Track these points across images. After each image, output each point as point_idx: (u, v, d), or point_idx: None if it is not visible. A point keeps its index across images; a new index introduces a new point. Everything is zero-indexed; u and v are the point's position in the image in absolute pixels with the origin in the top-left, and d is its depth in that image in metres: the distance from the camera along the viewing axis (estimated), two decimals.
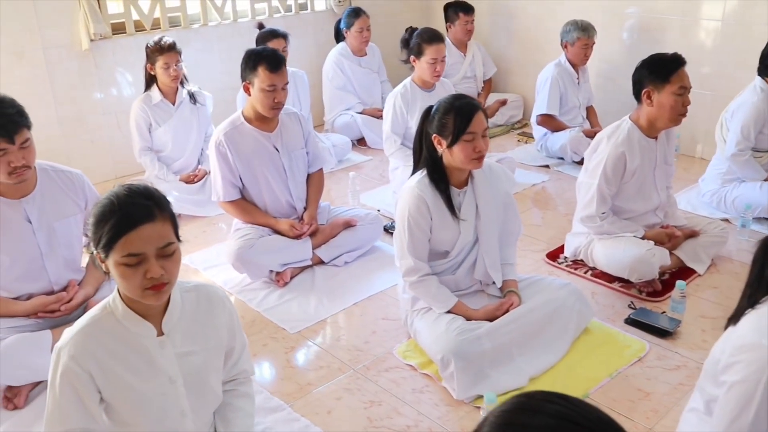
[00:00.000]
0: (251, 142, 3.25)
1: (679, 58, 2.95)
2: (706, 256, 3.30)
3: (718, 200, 3.89)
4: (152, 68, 3.98)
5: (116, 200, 1.62)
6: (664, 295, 3.07)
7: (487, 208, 2.63)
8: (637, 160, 3.05)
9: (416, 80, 4.09)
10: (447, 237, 2.61)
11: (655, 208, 3.23)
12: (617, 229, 3.13)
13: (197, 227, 3.93)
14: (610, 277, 3.20)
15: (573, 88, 4.72)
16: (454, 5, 5.34)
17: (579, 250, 3.32)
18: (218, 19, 5.00)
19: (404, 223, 2.55)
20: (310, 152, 3.47)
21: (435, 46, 3.90)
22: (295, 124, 3.40)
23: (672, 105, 2.95)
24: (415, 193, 2.52)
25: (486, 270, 2.67)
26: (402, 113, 4.05)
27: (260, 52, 3.19)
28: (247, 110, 3.27)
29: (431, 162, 2.57)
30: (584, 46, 4.59)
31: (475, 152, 2.46)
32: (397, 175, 4.16)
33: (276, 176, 3.31)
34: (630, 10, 4.94)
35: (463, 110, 2.44)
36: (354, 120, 5.13)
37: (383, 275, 3.30)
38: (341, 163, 4.82)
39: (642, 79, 3.00)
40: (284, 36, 4.42)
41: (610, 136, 3.08)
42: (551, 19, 5.38)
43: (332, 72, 5.18)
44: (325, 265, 3.39)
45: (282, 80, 3.17)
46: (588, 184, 3.12)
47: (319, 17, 5.57)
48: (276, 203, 3.36)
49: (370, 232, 3.50)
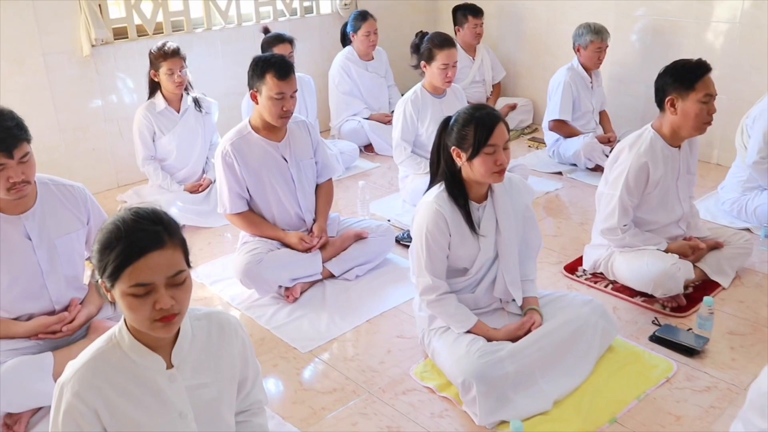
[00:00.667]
0: (259, 152, 3.14)
1: (704, 65, 2.84)
2: (730, 268, 3.19)
3: (739, 209, 3.77)
4: (156, 75, 3.87)
5: (122, 226, 1.51)
6: (688, 310, 2.96)
7: (508, 223, 2.52)
8: (660, 171, 2.94)
9: (427, 86, 3.98)
10: (466, 254, 2.50)
11: (678, 219, 3.11)
12: (639, 242, 3.02)
13: (202, 239, 3.82)
14: (631, 291, 3.08)
15: (586, 93, 4.61)
16: (463, 8, 5.23)
17: (599, 262, 3.20)
18: (222, 22, 4.89)
19: (422, 239, 2.43)
20: (319, 162, 3.36)
21: (446, 51, 3.79)
22: (304, 133, 3.29)
23: (697, 113, 2.83)
24: (433, 209, 2.41)
25: (506, 287, 2.56)
26: (412, 120, 3.94)
27: (268, 59, 3.07)
28: (255, 119, 3.16)
29: (449, 175, 2.46)
30: (597, 50, 4.47)
31: (496, 165, 2.35)
32: (407, 183, 4.06)
33: (284, 187, 3.20)
34: (640, 11, 4.82)
35: (484, 121, 2.33)
36: (361, 126, 5.02)
37: (396, 290, 3.19)
38: (349, 170, 4.70)
39: (665, 86, 2.89)
40: (290, 41, 4.31)
41: (631, 145, 2.96)
42: (562, 21, 5.27)
43: (339, 77, 5.07)
44: (336, 279, 3.28)
45: (291, 88, 3.06)
46: (609, 195, 3.00)
47: (324, 20, 5.46)
48: (284, 215, 3.24)
49: (382, 244, 3.38)
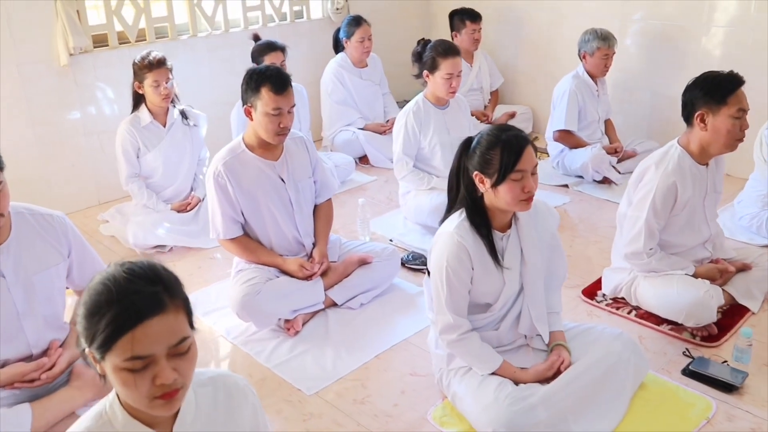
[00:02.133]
0: (254, 172, 2.90)
1: (737, 77, 2.64)
2: (758, 291, 2.99)
3: (758, 224, 3.59)
4: (140, 87, 3.60)
5: (114, 287, 1.26)
6: (720, 339, 2.76)
7: (534, 254, 2.30)
8: (688, 191, 2.74)
9: (429, 96, 3.75)
10: (490, 288, 2.27)
11: (704, 241, 2.92)
12: (666, 267, 2.82)
13: (192, 262, 3.56)
14: (657, 318, 2.88)
15: (592, 101, 4.41)
16: (461, 13, 5.01)
17: (620, 287, 3.00)
18: (208, 29, 4.64)
19: (442, 274, 2.21)
20: (318, 180, 3.12)
21: (451, 60, 3.57)
22: (302, 151, 3.05)
23: (729, 129, 2.64)
24: (454, 240, 2.18)
25: (532, 323, 2.34)
26: (414, 133, 3.71)
27: (263, 71, 2.83)
28: (249, 136, 2.92)
29: (470, 202, 2.23)
30: (604, 57, 4.28)
31: (524, 192, 2.13)
32: (409, 199, 3.83)
33: (282, 210, 2.96)
34: (642, 16, 4.64)
35: (511, 144, 2.11)
36: (356, 137, 4.78)
37: (405, 319, 2.97)
38: (344, 184, 4.47)
39: (694, 100, 2.69)
40: (283, 49, 4.07)
41: (658, 163, 2.76)
42: (562, 26, 5.08)
43: (331, 85, 4.83)
44: (339, 308, 3.04)
45: (288, 103, 2.82)
46: (634, 217, 2.80)
47: (315, 26, 5.22)
48: (282, 240, 3.00)
49: (387, 269, 3.15)
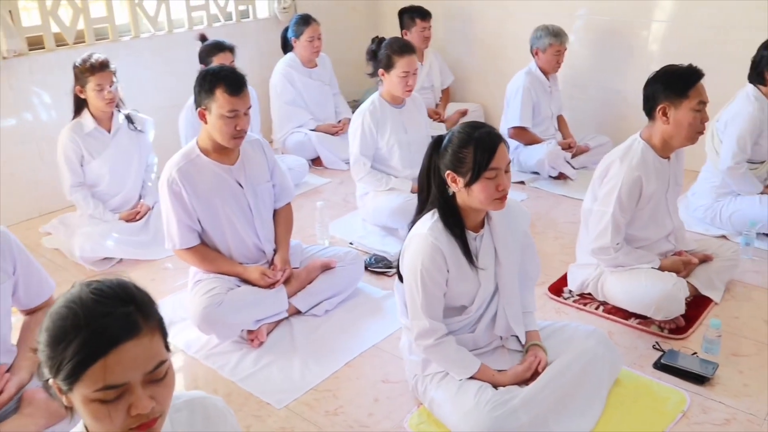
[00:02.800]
0: (210, 177, 2.77)
1: (696, 71, 2.66)
2: (720, 282, 3.03)
3: (713, 215, 3.65)
4: (82, 91, 3.41)
5: (81, 309, 1.14)
6: (687, 331, 2.77)
7: (507, 253, 2.25)
8: (653, 184, 2.75)
9: (385, 95, 3.68)
10: (465, 290, 2.21)
11: (668, 233, 2.93)
12: (633, 261, 2.82)
13: (144, 274, 3.40)
14: (625, 312, 2.88)
15: (545, 98, 4.42)
16: (411, 11, 4.96)
17: (587, 283, 2.99)
18: (151, 29, 4.46)
19: (416, 278, 2.13)
20: (277, 184, 3.01)
21: (407, 58, 3.50)
22: (259, 154, 2.94)
23: (690, 122, 2.65)
24: (428, 242, 2.11)
25: (508, 324, 2.29)
26: (371, 133, 3.63)
27: (217, 72, 2.70)
28: (203, 140, 2.79)
29: (443, 203, 2.17)
30: (556, 53, 4.29)
31: (498, 191, 2.08)
32: (367, 201, 3.75)
33: (240, 216, 2.84)
34: (593, 12, 4.68)
35: (484, 142, 2.05)
36: (308, 138, 4.68)
37: (373, 324, 2.89)
38: (298, 187, 4.33)
39: (656, 93, 2.69)
40: (231, 49, 3.94)
41: (622, 158, 2.75)
42: (512, 23, 5.09)
43: (281, 86, 4.71)
44: (303, 316, 2.94)
45: (244, 104, 2.71)
46: (600, 212, 2.78)
47: (261, 25, 5.09)
48: (242, 247, 2.88)
49: (351, 273, 3.06)
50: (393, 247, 3.47)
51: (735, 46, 4.14)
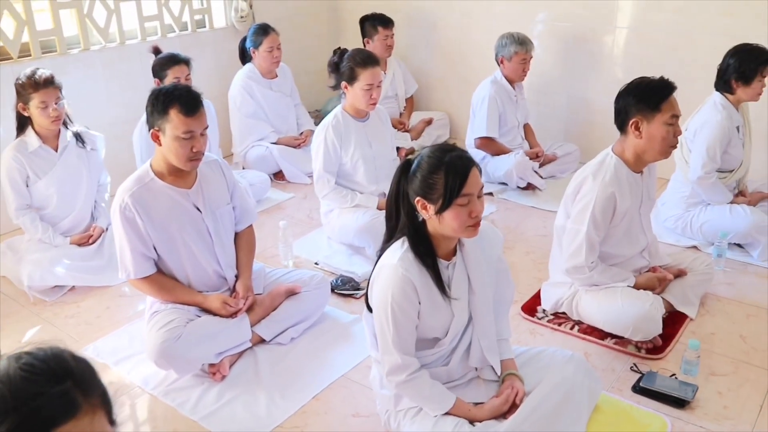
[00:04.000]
0: (166, 202, 2.61)
1: (669, 84, 2.59)
2: (695, 296, 2.98)
3: (683, 226, 3.60)
4: (25, 108, 3.22)
5: (9, 390, 0.99)
6: (664, 350, 2.71)
7: (481, 281, 2.15)
8: (627, 200, 2.67)
9: (348, 109, 3.55)
10: (438, 322, 2.10)
11: (642, 249, 2.87)
12: (608, 279, 2.74)
13: (98, 302, 3.22)
14: (600, 332, 2.80)
15: (511, 107, 4.34)
16: (372, 18, 4.84)
17: (561, 302, 2.90)
18: (102, 41, 4.27)
19: (387, 311, 2.01)
20: (237, 206, 2.86)
21: (370, 70, 3.38)
22: (217, 175, 2.79)
23: (663, 136, 2.59)
24: (398, 274, 1.99)
25: (483, 355, 2.18)
26: (335, 148, 3.50)
27: (170, 91, 2.55)
28: (157, 162, 2.63)
29: (413, 230, 2.05)
30: (522, 61, 4.22)
31: (471, 218, 1.97)
32: (332, 218, 3.62)
33: (199, 242, 2.68)
34: (558, 19, 4.62)
35: (456, 166, 1.94)
36: (269, 152, 4.52)
37: (341, 352, 2.76)
38: (260, 203, 4.20)
39: (628, 107, 2.62)
40: (187, 61, 3.76)
41: (595, 174, 2.67)
42: (475, 30, 5.01)
43: (240, 98, 4.55)
44: (268, 345, 2.79)
45: (200, 125, 2.56)
46: (574, 230, 2.70)
47: (219, 35, 4.92)
48: (201, 275, 2.73)
49: (318, 298, 2.93)
50: (360, 267, 3.35)
51: (700, 53, 4.12)
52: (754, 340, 2.82)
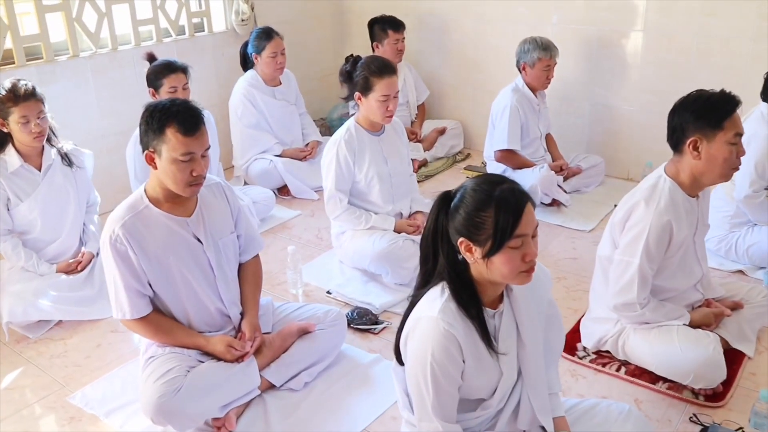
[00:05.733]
0: (162, 232, 2.30)
1: (733, 98, 2.28)
2: (751, 332, 2.68)
3: (727, 248, 3.31)
4: (4, 124, 2.90)
5: None
6: (725, 396, 2.40)
7: (532, 331, 1.84)
8: (684, 229, 2.38)
9: (362, 121, 3.25)
10: (485, 382, 1.80)
11: (696, 282, 2.57)
12: (661, 317, 2.44)
13: (88, 339, 2.90)
14: (651, 375, 2.50)
15: (534, 117, 4.04)
16: (382, 21, 4.54)
17: (605, 340, 2.61)
18: (92, 47, 3.95)
19: (426, 372, 1.70)
20: (243, 235, 2.56)
21: (387, 80, 3.08)
22: (220, 200, 2.48)
23: (726, 157, 2.29)
24: (440, 329, 1.68)
25: (534, 416, 1.88)
26: (348, 165, 3.20)
27: (167, 107, 2.23)
28: (153, 188, 2.32)
29: (454, 275, 1.74)
30: (546, 68, 3.91)
31: (525, 262, 1.66)
32: (345, 241, 3.32)
33: (200, 276, 2.37)
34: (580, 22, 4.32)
35: (508, 203, 1.63)
36: (273, 165, 4.21)
37: (361, 400, 2.45)
38: (264, 222, 3.89)
39: (685, 124, 2.31)
40: (184, 69, 3.44)
41: (647, 200, 2.36)
42: (491, 34, 4.71)
43: (242, 107, 4.23)
44: (278, 391, 2.48)
45: (201, 145, 2.26)
46: (624, 263, 2.40)
47: (218, 40, 4.60)
48: (202, 313, 2.42)
49: (333, 337, 2.63)
50: (377, 298, 3.05)
51: (737, 59, 3.83)
52: None
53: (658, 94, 4.10)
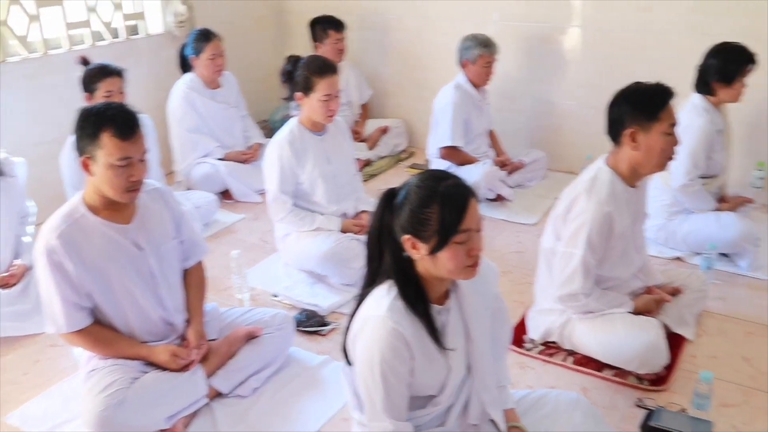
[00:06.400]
0: (100, 241, 2.23)
1: (667, 89, 2.34)
2: (690, 316, 2.76)
3: (666, 236, 3.40)
4: None
5: None
6: (668, 379, 2.47)
7: (479, 326, 1.85)
8: (625, 219, 2.43)
9: (304, 122, 3.22)
10: (434, 378, 1.79)
11: (637, 270, 2.63)
12: (605, 305, 2.49)
13: (25, 355, 2.78)
14: (597, 363, 2.55)
15: (476, 113, 4.08)
16: (323, 21, 4.51)
17: (551, 331, 2.64)
18: (24, 52, 3.81)
19: (374, 372, 1.69)
20: (185, 240, 2.50)
21: (328, 79, 3.06)
22: (160, 206, 2.41)
23: (662, 147, 2.34)
24: (387, 328, 1.67)
25: (484, 410, 1.89)
26: (291, 166, 3.16)
27: (102, 111, 2.17)
28: (90, 195, 2.24)
29: (401, 273, 1.74)
30: (487, 64, 3.95)
31: (470, 257, 1.67)
32: (290, 243, 3.28)
33: (141, 285, 2.31)
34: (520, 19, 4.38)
35: (452, 198, 1.64)
36: (215, 169, 4.14)
37: (312, 403, 2.43)
38: (208, 227, 3.81)
39: (623, 116, 2.36)
40: (119, 72, 3.35)
41: (588, 191, 2.40)
42: (433, 32, 4.73)
43: (181, 111, 4.14)
44: (227, 398, 2.43)
45: (138, 150, 2.20)
46: (568, 254, 2.43)
47: (155, 42, 4.50)
48: (145, 322, 2.35)
49: (282, 340, 2.59)
50: (325, 299, 3.02)
51: (671, 52, 3.93)
52: (758, 361, 2.61)
53: (597, 88, 4.18)
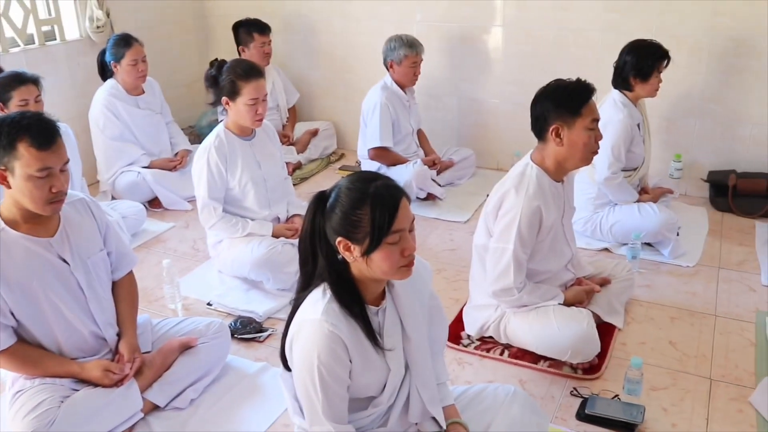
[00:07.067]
0: (22, 256, 2.14)
1: (588, 86, 2.41)
2: (619, 304, 2.86)
3: (593, 228, 3.51)
4: None
5: None
6: (600, 368, 2.54)
7: (416, 324, 1.86)
8: (552, 213, 2.49)
9: (231, 127, 3.17)
10: (373, 379, 1.79)
11: (567, 262, 2.70)
12: (537, 299, 2.55)
13: None
14: (533, 355, 2.61)
15: (404, 113, 4.11)
16: (247, 25, 4.45)
17: (486, 326, 2.69)
18: None
19: (313, 376, 1.68)
20: (113, 251, 2.43)
21: (254, 83, 3.03)
22: (85, 217, 2.34)
23: (585, 142, 2.41)
24: (324, 331, 1.66)
25: (424, 407, 1.90)
26: (220, 172, 3.11)
27: (17, 120, 2.07)
28: (7, 208, 2.15)
29: (335, 275, 1.73)
30: (413, 65, 3.98)
31: (404, 257, 1.68)
32: (222, 250, 3.23)
33: (69, 300, 2.23)
34: (443, 19, 4.44)
35: (383, 199, 1.64)
36: (141, 177, 4.03)
37: (251, 411, 2.40)
38: (136, 237, 3.71)
39: (546, 113, 2.42)
40: (35, 81, 3.21)
41: (517, 187, 2.46)
42: (359, 33, 4.74)
43: (103, 119, 4.02)
44: (164, 412, 2.37)
45: (59, 159, 2.12)
46: (499, 249, 2.48)
47: (72, 49, 4.35)
48: (75, 338, 2.27)
49: (217, 349, 2.54)
50: (260, 305, 2.99)
51: (590, 50, 4.06)
52: (683, 345, 2.72)
53: (521, 85, 4.28)
